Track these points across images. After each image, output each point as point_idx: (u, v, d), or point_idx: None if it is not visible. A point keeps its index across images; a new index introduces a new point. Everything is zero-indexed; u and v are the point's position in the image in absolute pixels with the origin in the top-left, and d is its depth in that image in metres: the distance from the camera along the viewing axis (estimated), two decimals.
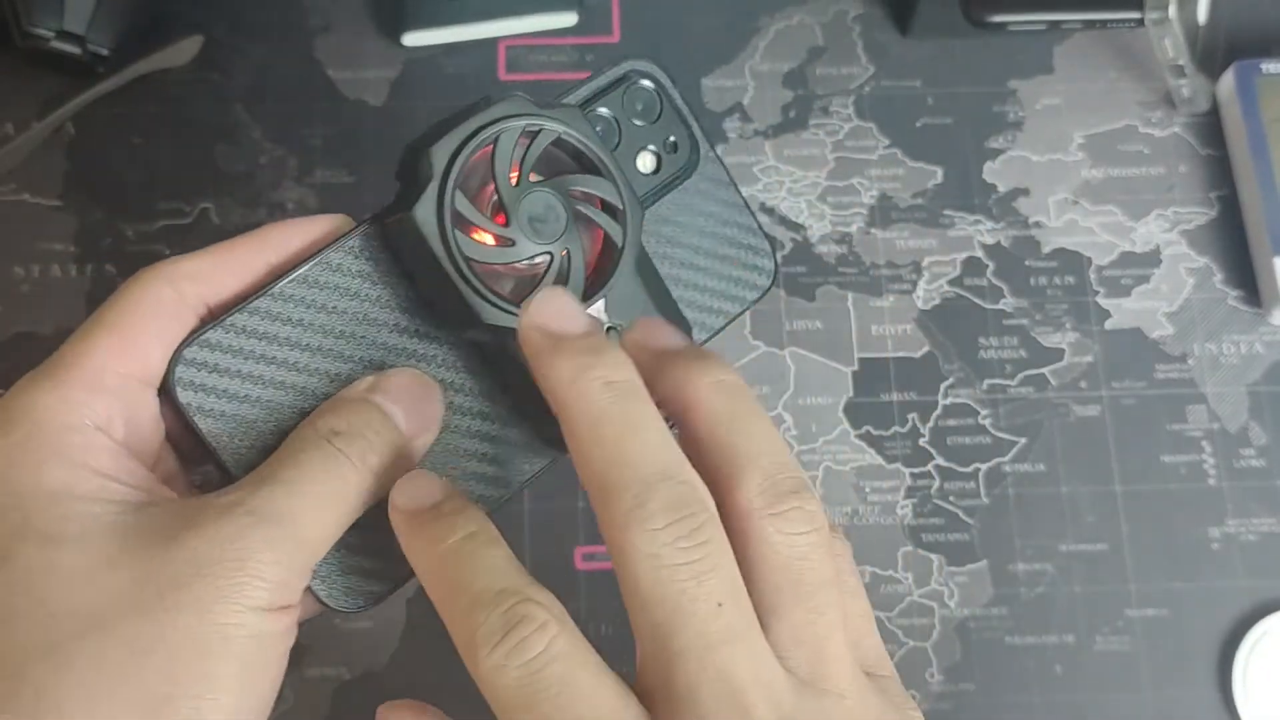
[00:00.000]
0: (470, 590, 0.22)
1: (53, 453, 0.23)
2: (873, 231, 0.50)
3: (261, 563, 0.22)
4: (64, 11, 0.48)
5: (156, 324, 0.25)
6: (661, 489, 0.21)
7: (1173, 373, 0.49)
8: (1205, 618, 0.45)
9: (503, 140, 0.26)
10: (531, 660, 0.21)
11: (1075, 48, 0.53)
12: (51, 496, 0.23)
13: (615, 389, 0.22)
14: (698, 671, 0.21)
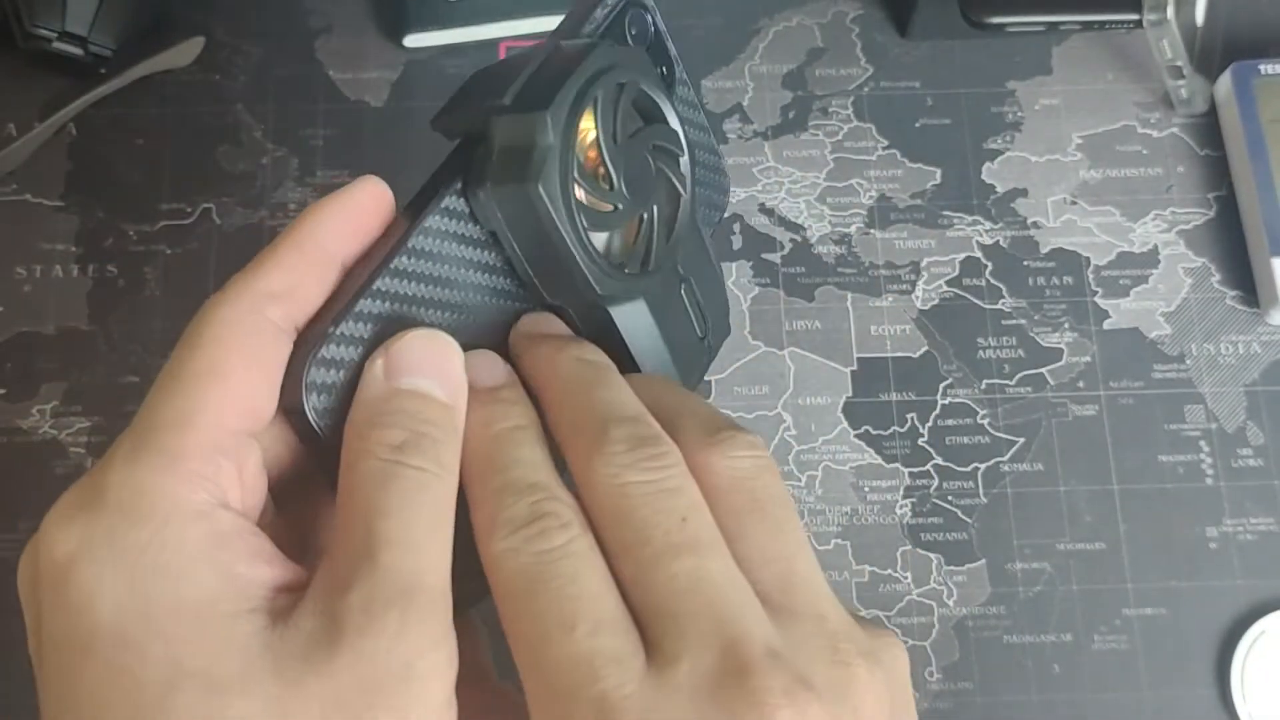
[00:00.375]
0: (505, 474, 0.22)
1: (185, 556, 0.20)
2: (872, 232, 0.50)
3: (425, 660, 0.19)
4: (66, 13, 0.48)
5: (258, 362, 0.22)
6: (626, 426, 0.22)
7: (1170, 373, 0.49)
8: (1203, 617, 0.46)
9: (603, 99, 0.24)
10: (547, 551, 0.20)
11: (1073, 49, 0.53)
12: (197, 619, 0.19)
13: (586, 362, 0.24)
14: (668, 580, 0.20)
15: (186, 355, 0.21)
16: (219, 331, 0.21)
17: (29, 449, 0.46)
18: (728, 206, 0.32)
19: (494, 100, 0.24)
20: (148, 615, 0.19)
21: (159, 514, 0.20)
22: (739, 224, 0.50)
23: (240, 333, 0.22)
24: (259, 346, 0.22)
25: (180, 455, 0.20)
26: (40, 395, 0.47)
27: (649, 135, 0.26)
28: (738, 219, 0.50)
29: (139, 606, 0.19)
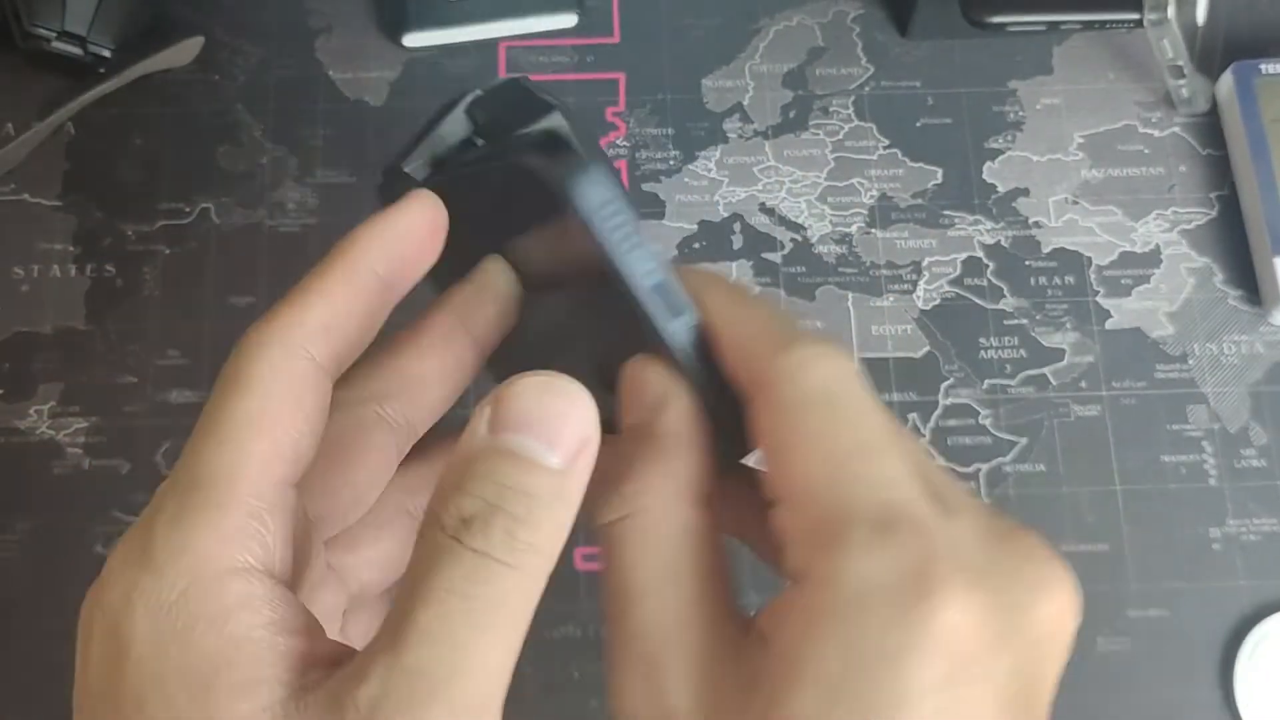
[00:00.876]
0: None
1: (208, 619, 0.18)
2: (873, 232, 0.50)
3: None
4: (65, 12, 0.48)
5: (303, 409, 0.20)
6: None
7: (1173, 373, 0.49)
8: (1206, 618, 0.45)
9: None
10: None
11: (1074, 48, 0.53)
12: (203, 685, 0.18)
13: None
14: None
15: (230, 400, 0.20)
16: (263, 373, 0.20)
17: (26, 449, 0.46)
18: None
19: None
20: (162, 677, 0.18)
21: (192, 573, 0.19)
22: (739, 223, 0.50)
23: (285, 377, 0.20)
24: (304, 392, 0.20)
25: (225, 510, 0.19)
26: (38, 395, 0.47)
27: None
28: (738, 219, 0.50)
29: (154, 668, 0.18)
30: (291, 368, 0.20)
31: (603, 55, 0.53)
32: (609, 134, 0.51)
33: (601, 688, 0.44)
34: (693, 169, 0.51)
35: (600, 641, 0.45)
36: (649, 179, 0.51)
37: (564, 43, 0.53)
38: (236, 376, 0.20)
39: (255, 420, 0.20)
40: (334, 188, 0.50)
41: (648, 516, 0.20)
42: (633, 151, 0.51)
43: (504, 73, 0.52)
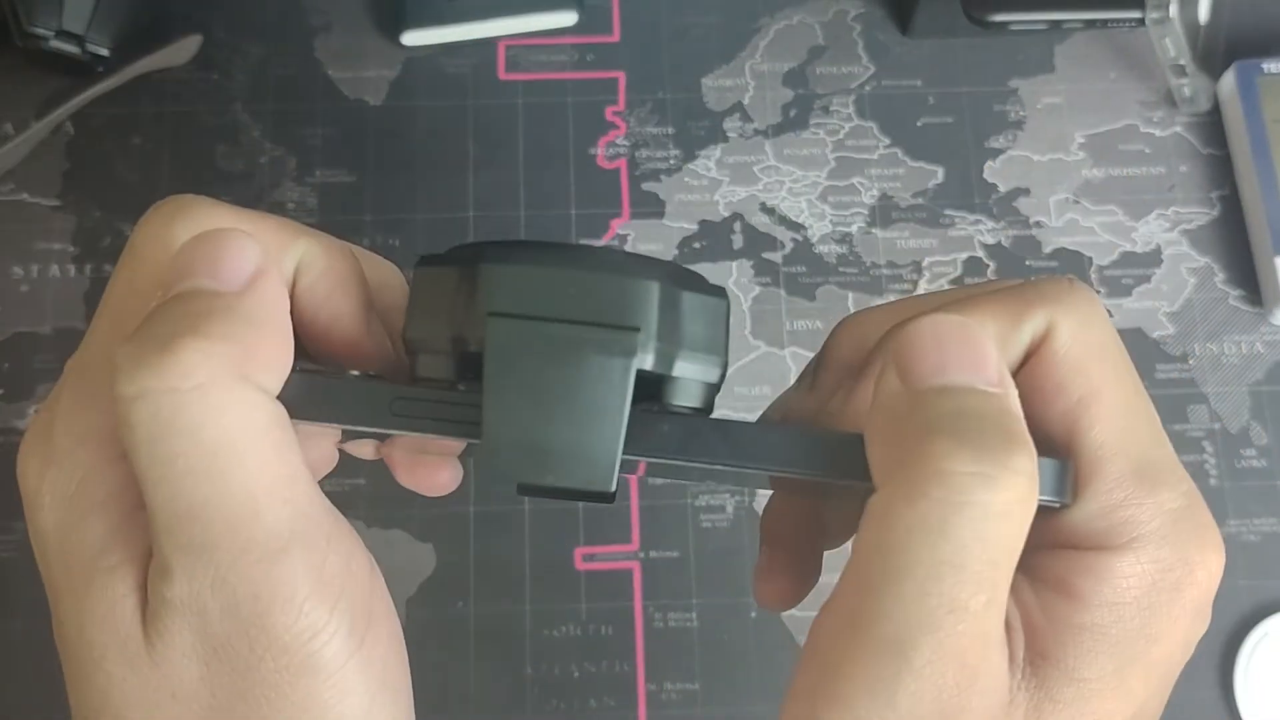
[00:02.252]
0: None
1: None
2: (873, 231, 0.50)
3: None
4: (63, 11, 0.48)
5: (288, 444, 0.19)
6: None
7: (1174, 373, 0.49)
8: None
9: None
10: None
11: (1076, 47, 0.53)
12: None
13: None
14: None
15: (190, 464, 0.18)
16: (225, 429, 0.18)
17: None
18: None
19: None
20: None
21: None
22: (740, 223, 0.50)
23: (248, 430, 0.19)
24: (279, 448, 0.19)
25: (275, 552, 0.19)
26: (37, 395, 0.47)
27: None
28: (738, 218, 0.50)
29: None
30: (254, 420, 0.19)
31: (602, 54, 0.52)
32: (609, 133, 0.51)
33: (601, 686, 0.44)
34: (693, 168, 0.51)
35: (602, 642, 0.45)
36: (649, 178, 0.51)
37: (564, 41, 0.53)
38: (187, 438, 0.18)
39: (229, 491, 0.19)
40: (333, 187, 0.50)
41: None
42: (633, 150, 0.51)
43: (503, 72, 0.52)
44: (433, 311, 0.20)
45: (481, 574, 0.45)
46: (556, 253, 0.20)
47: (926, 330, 0.19)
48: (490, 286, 0.19)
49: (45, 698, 0.42)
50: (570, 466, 0.19)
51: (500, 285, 0.19)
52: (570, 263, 0.19)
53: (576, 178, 0.51)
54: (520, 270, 0.19)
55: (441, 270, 0.20)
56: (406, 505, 0.46)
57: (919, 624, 0.18)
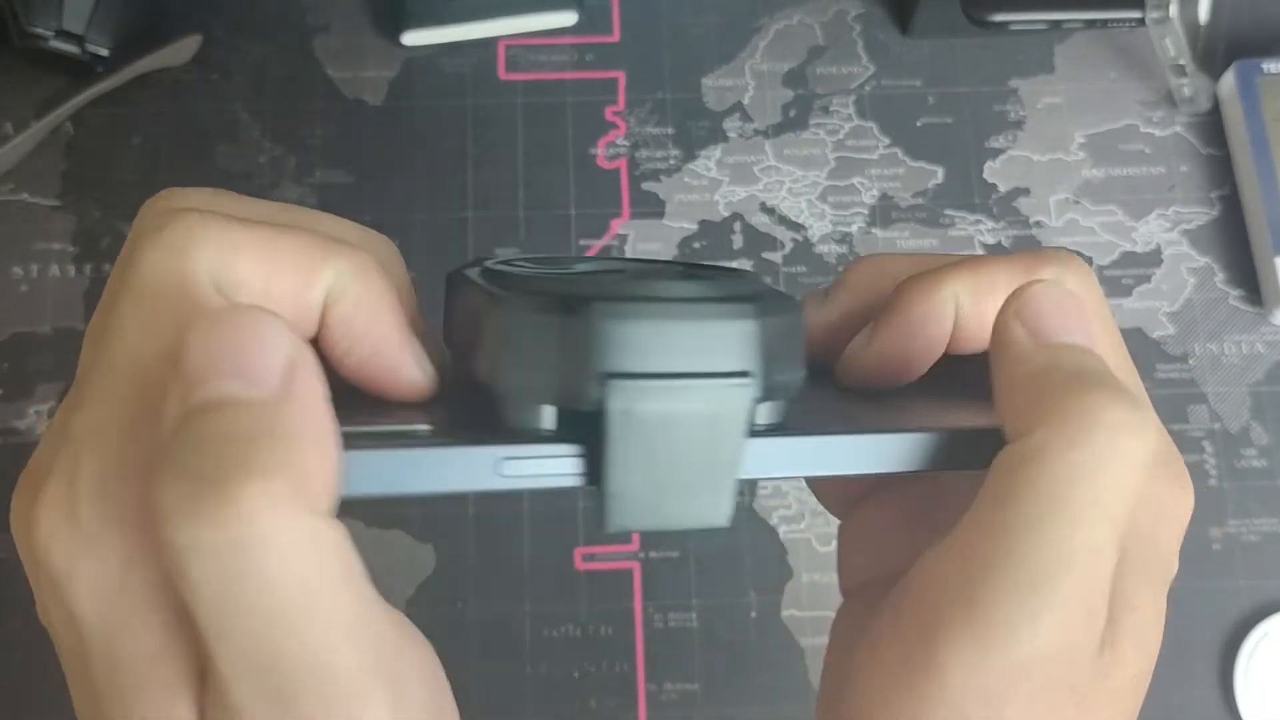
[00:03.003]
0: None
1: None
2: (873, 231, 0.50)
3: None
4: (63, 11, 0.48)
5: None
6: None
7: (1174, 373, 0.49)
8: (1206, 618, 0.45)
9: None
10: None
11: (1076, 47, 0.53)
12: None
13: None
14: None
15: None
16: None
17: (25, 450, 0.46)
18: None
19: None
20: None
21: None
22: (740, 223, 0.50)
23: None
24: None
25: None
26: (36, 396, 0.47)
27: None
28: (738, 218, 0.50)
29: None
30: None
31: (602, 54, 0.52)
32: (609, 133, 0.51)
33: (601, 686, 0.44)
34: (693, 168, 0.51)
35: (602, 642, 0.45)
36: (649, 178, 0.51)
37: (563, 41, 0.53)
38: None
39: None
40: (333, 187, 0.50)
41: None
42: (633, 150, 0.51)
43: (503, 72, 0.52)
44: (535, 365, 0.19)
45: (482, 574, 0.45)
46: (657, 288, 0.19)
47: (1052, 294, 0.21)
48: (606, 347, 0.18)
49: (45, 697, 0.42)
50: (691, 510, 0.19)
51: (616, 345, 0.18)
52: (677, 305, 0.19)
53: (576, 178, 0.51)
54: (634, 327, 0.18)
55: (542, 318, 0.19)
56: (406, 505, 0.46)
57: (1062, 563, 0.18)
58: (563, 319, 0.18)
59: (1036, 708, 0.19)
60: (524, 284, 0.20)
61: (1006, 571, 0.19)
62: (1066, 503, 0.18)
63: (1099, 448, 0.18)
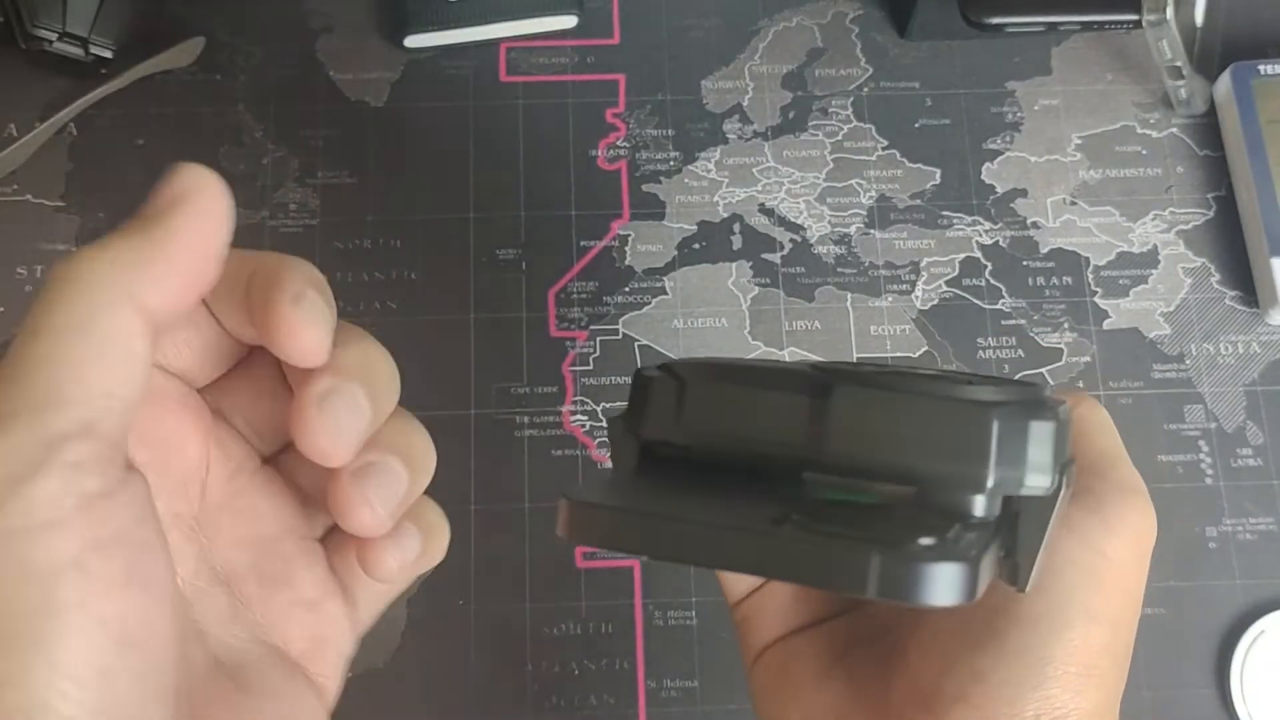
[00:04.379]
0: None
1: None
2: (871, 232, 0.50)
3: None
4: (67, 13, 0.48)
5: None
6: None
7: (1170, 372, 0.49)
8: (1202, 617, 0.46)
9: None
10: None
11: (1073, 49, 0.54)
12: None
13: None
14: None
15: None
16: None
17: None
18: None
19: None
20: None
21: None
22: (739, 224, 0.50)
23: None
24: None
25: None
26: None
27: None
28: (737, 219, 0.50)
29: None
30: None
31: (603, 56, 0.53)
32: (609, 135, 0.52)
33: (602, 683, 0.45)
34: (693, 170, 0.51)
35: (601, 640, 0.45)
36: (649, 180, 0.51)
37: (564, 44, 0.53)
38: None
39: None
40: (335, 188, 0.50)
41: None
42: (633, 152, 0.51)
43: (504, 75, 0.53)
44: (1010, 459, 0.21)
45: (482, 572, 0.46)
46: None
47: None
48: (1064, 444, 0.22)
49: None
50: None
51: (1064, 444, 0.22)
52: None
53: (577, 179, 0.51)
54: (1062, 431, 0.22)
55: (1034, 422, 0.21)
56: None
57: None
58: (1048, 423, 0.21)
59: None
60: (963, 392, 0.21)
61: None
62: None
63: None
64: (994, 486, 0.19)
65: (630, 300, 0.49)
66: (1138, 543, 0.26)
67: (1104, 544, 0.25)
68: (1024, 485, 0.20)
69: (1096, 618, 0.24)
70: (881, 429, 0.20)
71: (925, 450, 0.19)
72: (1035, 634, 0.24)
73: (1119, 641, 0.25)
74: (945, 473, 0.19)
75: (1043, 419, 0.20)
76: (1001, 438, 0.19)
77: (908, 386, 0.20)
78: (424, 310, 0.49)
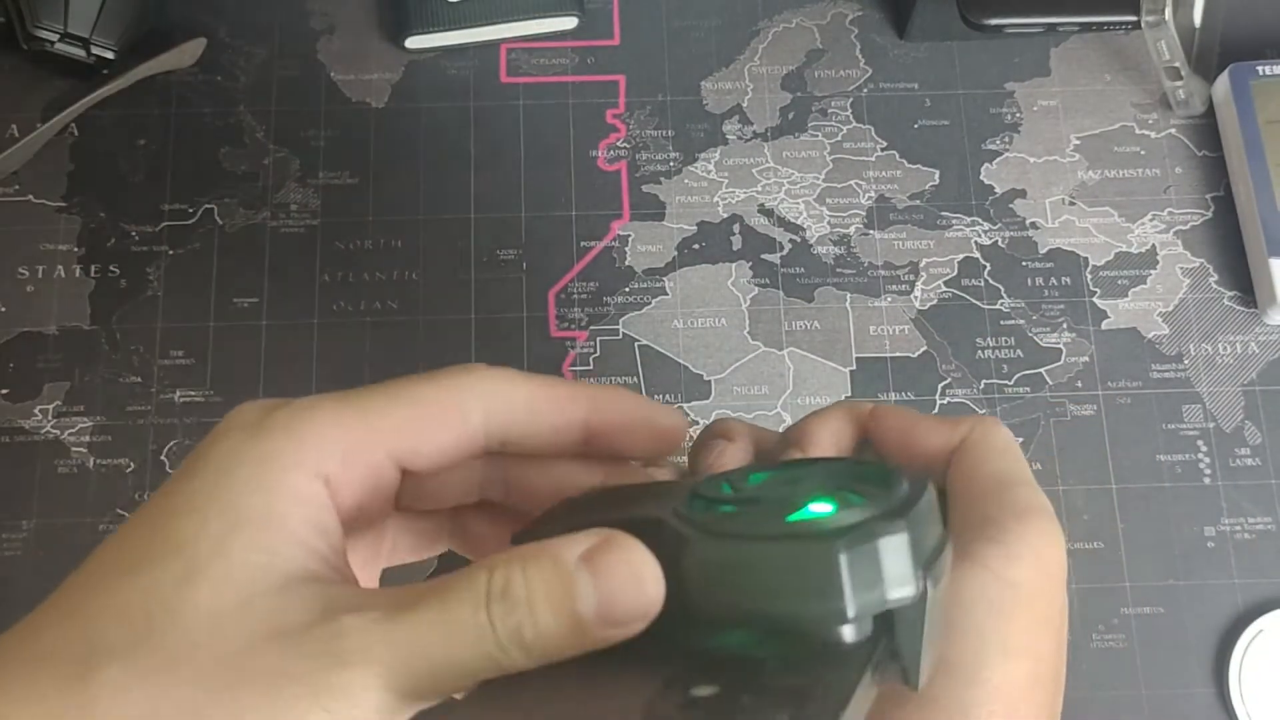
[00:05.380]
0: None
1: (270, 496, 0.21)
2: (871, 233, 0.51)
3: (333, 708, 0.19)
4: (68, 14, 0.48)
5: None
6: None
7: (1168, 372, 0.49)
8: (1201, 616, 0.46)
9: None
10: None
11: (1072, 50, 0.54)
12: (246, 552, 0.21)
13: None
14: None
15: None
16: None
17: (31, 449, 0.46)
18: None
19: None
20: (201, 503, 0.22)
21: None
22: (738, 224, 0.51)
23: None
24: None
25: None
26: (43, 395, 0.47)
27: None
28: (737, 219, 0.51)
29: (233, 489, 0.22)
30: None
31: (603, 57, 0.53)
32: (610, 135, 0.52)
33: None
34: (692, 170, 0.51)
35: None
36: (649, 180, 0.51)
37: (564, 45, 0.53)
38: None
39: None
40: (336, 189, 0.51)
41: None
42: (633, 153, 0.51)
43: (505, 76, 0.53)
44: (869, 581, 0.20)
45: None
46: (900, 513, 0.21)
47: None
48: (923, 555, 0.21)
49: None
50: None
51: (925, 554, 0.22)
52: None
53: (577, 180, 0.51)
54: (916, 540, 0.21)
55: (888, 538, 0.20)
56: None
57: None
58: (898, 534, 0.20)
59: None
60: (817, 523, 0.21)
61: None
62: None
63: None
64: (856, 616, 0.19)
65: (630, 300, 0.49)
66: (1044, 565, 0.25)
67: (1008, 572, 0.24)
68: (886, 602, 0.20)
69: (1013, 652, 0.23)
70: (733, 581, 0.20)
71: (780, 596, 0.20)
72: (953, 680, 0.23)
73: (1045, 669, 0.24)
74: (806, 614, 0.20)
75: (891, 531, 0.20)
76: (852, 568, 0.19)
77: (754, 530, 0.20)
78: (424, 310, 0.49)
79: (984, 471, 0.26)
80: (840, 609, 0.19)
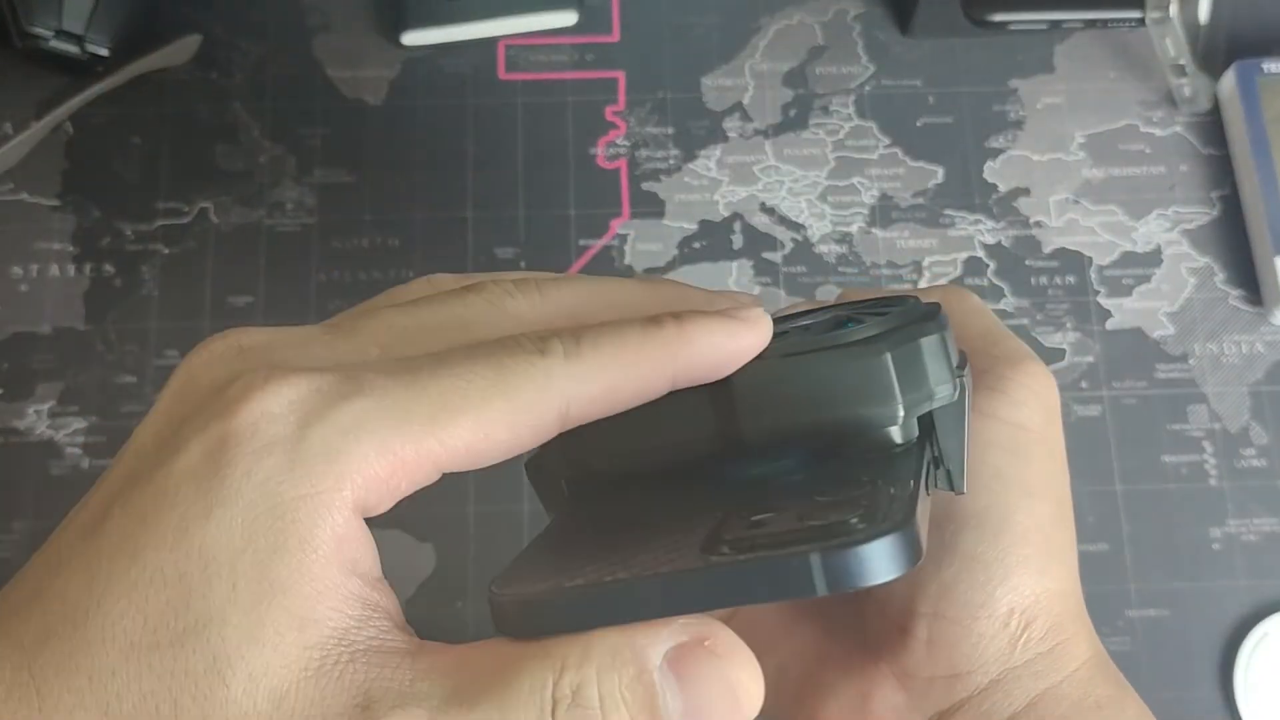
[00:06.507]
0: None
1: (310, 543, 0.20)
2: (873, 231, 0.50)
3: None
4: (62, 11, 0.48)
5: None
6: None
7: (1174, 372, 0.49)
8: (1206, 618, 0.45)
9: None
10: None
11: (1076, 47, 0.53)
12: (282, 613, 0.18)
13: None
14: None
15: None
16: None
17: (25, 449, 0.46)
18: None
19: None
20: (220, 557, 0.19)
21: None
22: (740, 223, 0.50)
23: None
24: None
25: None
26: (36, 395, 0.47)
27: None
28: (738, 218, 0.50)
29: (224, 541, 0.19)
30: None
31: (602, 54, 0.52)
32: (609, 133, 0.51)
33: None
34: (693, 168, 0.51)
35: None
36: (649, 178, 0.51)
37: (563, 41, 0.52)
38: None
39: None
40: (332, 187, 0.50)
41: None
42: (633, 150, 0.51)
43: (503, 72, 0.52)
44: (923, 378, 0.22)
45: (481, 574, 0.45)
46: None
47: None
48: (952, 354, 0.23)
49: None
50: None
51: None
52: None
53: (576, 178, 0.51)
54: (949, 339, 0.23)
55: (924, 342, 0.21)
56: (406, 505, 0.46)
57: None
58: (935, 336, 0.21)
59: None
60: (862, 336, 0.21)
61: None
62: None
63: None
64: (905, 415, 0.21)
65: None
66: (1045, 407, 0.26)
67: (1015, 415, 0.25)
68: (933, 401, 0.21)
69: (1035, 492, 0.24)
70: (785, 397, 0.21)
71: (833, 404, 0.21)
72: (985, 530, 0.24)
73: (1065, 511, 0.25)
74: (858, 419, 0.20)
75: (929, 333, 0.21)
76: (898, 368, 0.21)
77: (798, 347, 0.21)
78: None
79: (969, 331, 0.27)
80: (892, 410, 0.20)
